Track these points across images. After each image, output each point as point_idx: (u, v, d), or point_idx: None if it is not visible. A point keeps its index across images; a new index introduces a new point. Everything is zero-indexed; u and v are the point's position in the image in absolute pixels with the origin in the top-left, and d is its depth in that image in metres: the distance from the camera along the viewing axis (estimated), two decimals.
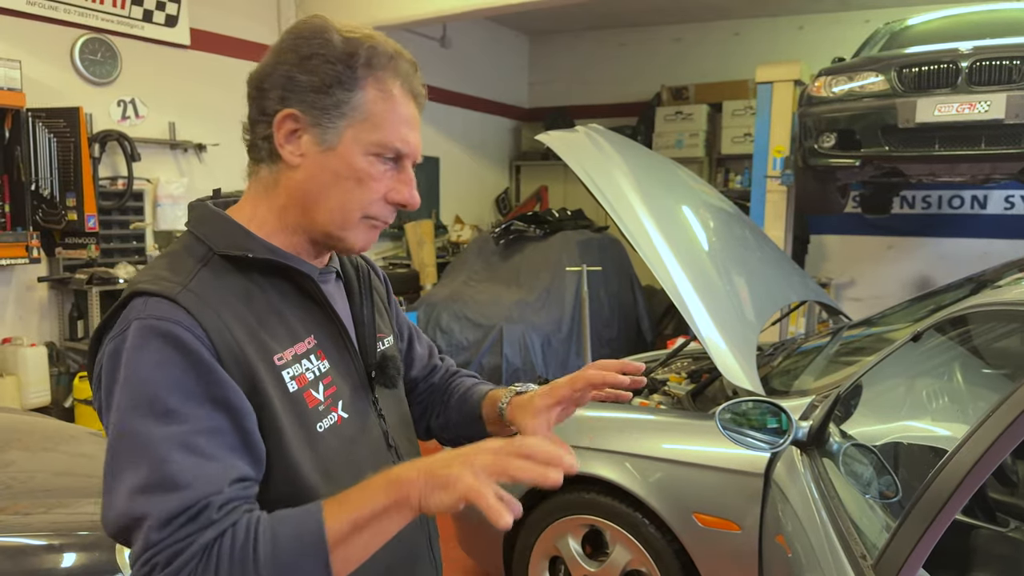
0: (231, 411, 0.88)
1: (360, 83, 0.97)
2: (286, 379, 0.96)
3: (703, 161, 8.51)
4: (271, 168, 1.00)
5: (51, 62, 4.94)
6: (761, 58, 6.60)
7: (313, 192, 0.99)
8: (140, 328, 0.88)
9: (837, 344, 2.95)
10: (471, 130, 8.85)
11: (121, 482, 0.84)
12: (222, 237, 0.99)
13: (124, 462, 0.85)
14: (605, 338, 6.52)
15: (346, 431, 1.02)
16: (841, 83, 4.29)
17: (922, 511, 1.26)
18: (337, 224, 1.00)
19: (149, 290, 0.92)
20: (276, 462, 0.93)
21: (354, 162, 0.98)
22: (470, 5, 6.04)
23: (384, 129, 0.99)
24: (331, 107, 0.97)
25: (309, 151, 0.98)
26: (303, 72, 0.97)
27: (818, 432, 1.85)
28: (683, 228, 3.02)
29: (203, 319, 0.90)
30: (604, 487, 2.43)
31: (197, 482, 0.83)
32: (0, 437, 2.56)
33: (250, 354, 0.92)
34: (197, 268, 0.95)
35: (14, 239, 4.54)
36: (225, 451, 0.87)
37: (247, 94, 1.01)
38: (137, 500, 0.82)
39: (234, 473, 0.87)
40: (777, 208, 5.92)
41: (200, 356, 0.88)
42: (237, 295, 0.96)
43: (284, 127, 0.97)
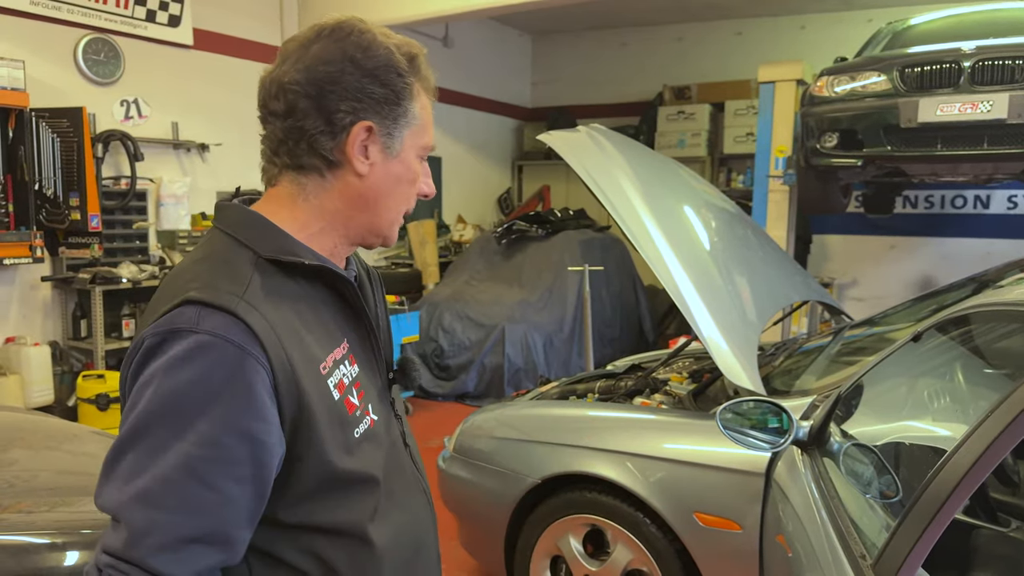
0: (255, 444, 0.87)
1: (414, 90, 1.02)
2: (330, 387, 0.96)
3: (705, 161, 8.51)
4: (326, 176, 1.01)
5: (54, 62, 4.95)
6: (763, 58, 6.60)
7: (377, 196, 1.02)
8: (191, 341, 0.86)
9: (838, 344, 2.95)
10: (474, 130, 8.85)
11: (120, 474, 0.85)
12: (268, 241, 0.97)
13: (129, 457, 0.85)
14: (607, 338, 6.53)
15: (377, 433, 1.04)
16: (843, 83, 4.28)
17: (921, 511, 1.26)
18: (388, 222, 1.06)
19: (204, 300, 0.88)
20: (317, 471, 0.94)
21: (412, 166, 1.04)
22: (472, 5, 6.05)
23: (428, 131, 1.06)
24: (400, 116, 1.01)
25: (376, 159, 1.01)
26: (376, 84, 0.98)
27: (819, 432, 1.85)
28: (685, 228, 3.02)
29: (263, 337, 0.88)
30: (605, 486, 2.44)
31: (183, 509, 0.84)
32: (3, 436, 2.56)
33: (300, 369, 0.92)
34: (248, 275, 0.93)
35: (18, 239, 4.56)
36: (232, 482, 0.86)
37: (287, 102, 0.97)
38: (127, 501, 0.84)
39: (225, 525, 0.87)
40: (779, 208, 5.92)
41: (246, 384, 0.86)
42: (288, 302, 0.95)
43: (359, 138, 0.99)
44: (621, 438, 2.45)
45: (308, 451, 0.93)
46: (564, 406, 2.78)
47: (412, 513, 1.10)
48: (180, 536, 0.83)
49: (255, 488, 0.89)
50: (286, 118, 0.98)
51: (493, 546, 2.73)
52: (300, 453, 0.92)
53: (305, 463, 0.93)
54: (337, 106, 0.97)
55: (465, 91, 8.73)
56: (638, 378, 2.95)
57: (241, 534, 0.89)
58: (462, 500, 2.83)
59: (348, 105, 0.97)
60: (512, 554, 2.71)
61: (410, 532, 1.09)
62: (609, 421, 2.57)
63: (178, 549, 0.83)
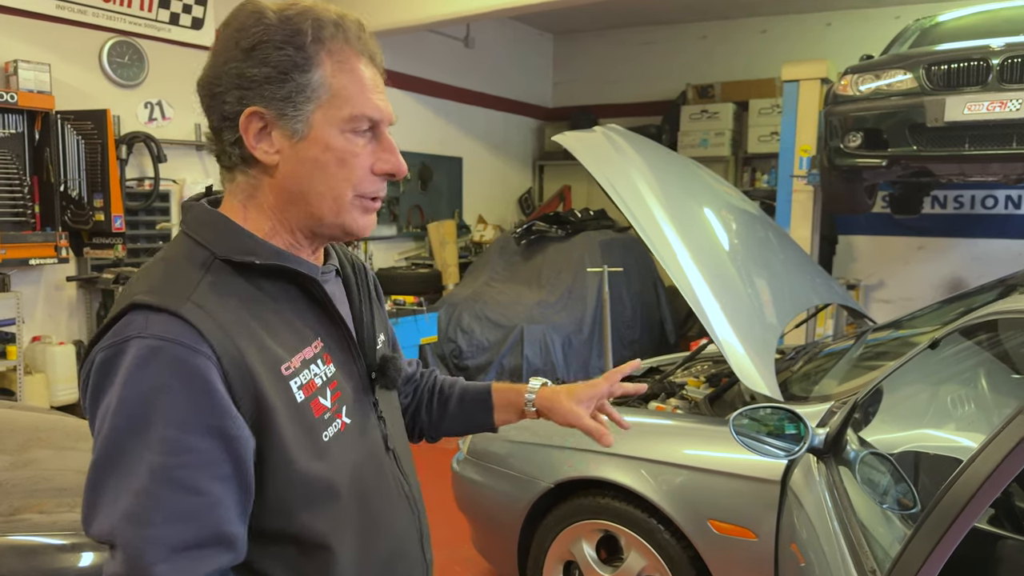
0: (226, 439, 0.85)
1: (314, 60, 0.92)
2: (293, 389, 0.92)
3: (729, 160, 8.42)
4: (247, 172, 0.95)
5: (80, 65, 5.02)
6: (788, 56, 6.52)
7: (299, 185, 0.94)
8: (141, 348, 0.83)
9: (860, 348, 2.90)
10: (494, 130, 8.84)
11: (104, 501, 0.83)
12: (224, 241, 0.93)
13: (109, 482, 0.83)
14: (627, 339, 6.48)
15: (349, 437, 0.99)
16: (868, 81, 4.20)
17: (937, 520, 1.22)
18: (332, 211, 0.96)
19: (150, 303, 0.86)
20: (277, 474, 0.90)
21: (331, 143, 0.93)
22: (493, 5, 6.03)
23: (352, 101, 0.94)
24: (293, 94, 0.91)
25: (282, 145, 0.93)
26: (253, 65, 0.90)
27: (835, 439, 1.81)
28: (703, 229, 2.98)
29: (210, 336, 0.85)
30: (619, 492, 2.41)
31: (172, 519, 0.82)
32: (24, 436, 2.59)
33: (256, 369, 0.88)
34: (200, 276, 0.90)
35: (43, 239, 4.63)
36: (214, 482, 0.84)
37: (201, 103, 0.95)
38: (118, 526, 0.81)
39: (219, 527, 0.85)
40: (804, 208, 5.85)
41: (202, 382, 0.83)
42: (242, 303, 0.91)
43: (252, 127, 0.92)
44: (635, 443, 2.42)
45: (271, 453, 0.89)
46: None
47: (389, 522, 1.05)
48: (177, 546, 0.82)
49: (239, 483, 0.87)
50: (207, 120, 0.96)
51: (506, 550, 2.72)
52: (264, 455, 0.89)
53: (269, 466, 0.89)
54: (223, 97, 0.92)
55: (486, 91, 8.72)
56: (654, 382, 2.92)
57: (238, 530, 0.87)
58: (475, 503, 2.82)
59: (233, 95, 0.91)
60: (525, 558, 2.69)
61: (385, 541, 1.04)
62: None
63: (178, 559, 0.82)
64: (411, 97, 7.73)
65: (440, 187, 8.09)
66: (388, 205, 7.45)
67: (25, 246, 4.53)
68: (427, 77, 7.88)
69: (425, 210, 7.85)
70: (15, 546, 1.90)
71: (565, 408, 1.24)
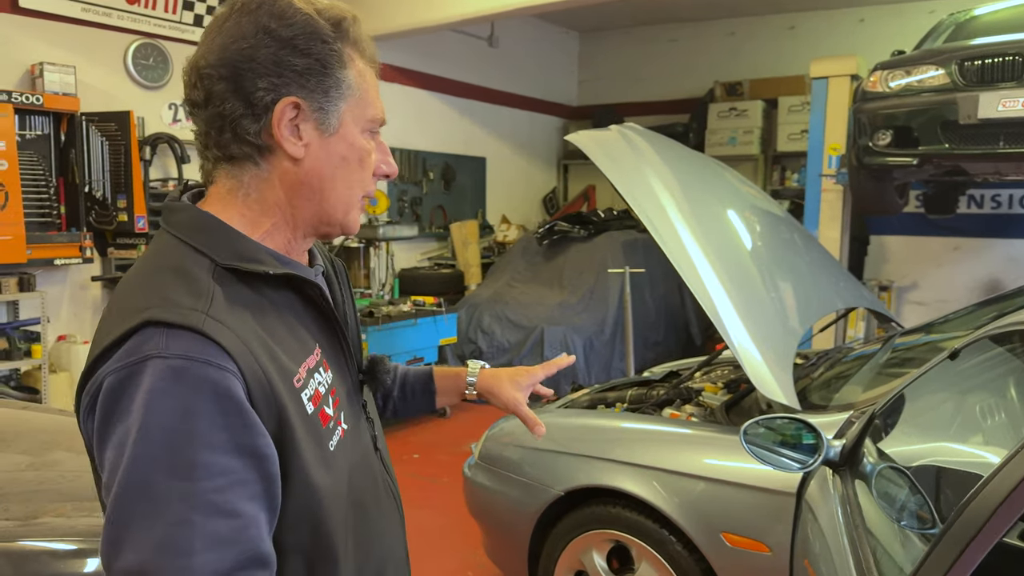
0: (257, 458, 0.81)
1: (346, 60, 0.91)
2: (304, 401, 0.89)
3: (758, 159, 8.29)
4: (260, 164, 0.90)
5: (105, 67, 5.08)
6: (818, 52, 6.38)
7: (321, 180, 0.92)
8: (163, 369, 0.77)
9: (887, 353, 2.79)
10: (519, 129, 8.79)
11: (132, 535, 0.76)
12: (225, 247, 0.88)
13: (137, 515, 0.76)
14: (651, 341, 6.39)
15: (347, 443, 0.97)
16: (898, 77, 4.08)
17: (957, 535, 1.15)
18: (343, 208, 0.95)
19: (168, 320, 0.79)
20: (296, 489, 0.86)
21: (356, 142, 0.93)
22: (517, 3, 5.98)
23: (373, 103, 0.95)
24: (331, 89, 0.90)
25: (312, 139, 0.90)
26: (296, 54, 0.87)
27: (851, 452, 1.73)
28: (724, 231, 2.90)
29: (234, 353, 0.80)
30: (630, 501, 2.35)
31: (212, 545, 0.76)
32: (44, 437, 2.60)
33: (276, 384, 0.84)
34: (210, 287, 0.84)
35: (68, 239, 4.69)
36: (249, 502, 0.80)
37: (202, 88, 0.88)
38: (148, 559, 0.75)
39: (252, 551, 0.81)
40: (833, 208, 5.72)
41: (232, 401, 0.79)
42: (252, 314, 0.86)
43: (285, 117, 0.88)
44: (647, 452, 2.35)
45: (291, 469, 0.85)
46: (590, 416, 2.69)
47: (380, 523, 1.05)
48: (219, 571, 0.76)
49: (268, 501, 0.83)
50: (206, 106, 0.89)
51: (516, 557, 2.67)
52: (286, 471, 0.85)
53: (289, 481, 0.86)
54: (255, 84, 0.87)
55: (510, 91, 8.68)
56: (670, 387, 2.84)
57: (270, 549, 0.83)
58: (486, 509, 2.77)
59: (267, 82, 0.87)
60: (536, 566, 2.64)
61: (377, 542, 1.04)
62: (635, 433, 2.48)
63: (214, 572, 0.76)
64: (435, 97, 7.71)
65: (464, 187, 8.07)
66: (411, 205, 7.44)
67: (50, 246, 4.59)
68: (451, 77, 7.86)
69: (448, 210, 7.83)
70: (22, 552, 1.89)
71: (507, 395, 1.26)
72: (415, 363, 5.38)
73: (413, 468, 4.37)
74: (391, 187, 7.24)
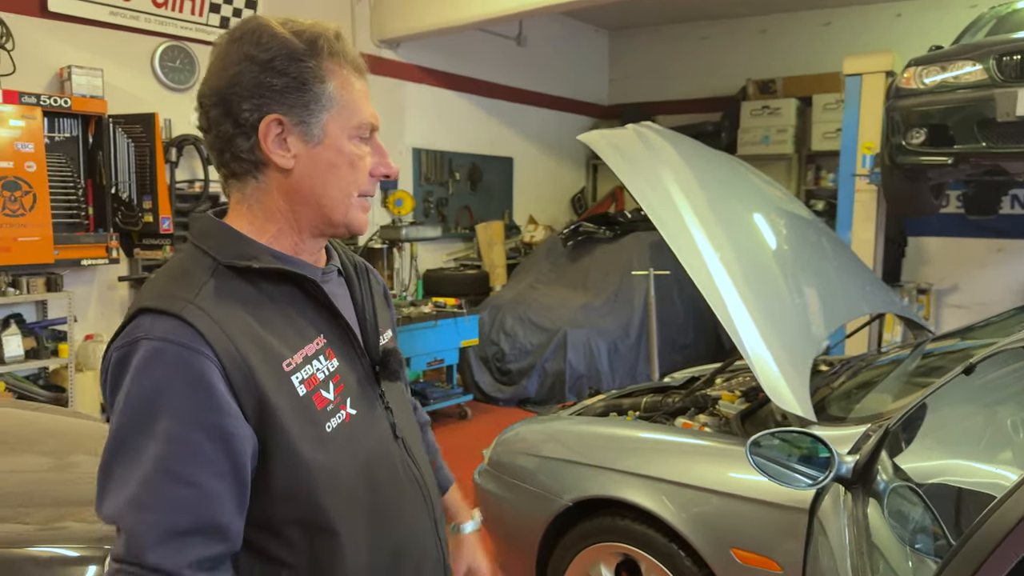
0: (224, 437, 0.91)
1: (325, 74, 1.00)
2: (295, 384, 0.98)
3: (792, 158, 8.11)
4: (258, 178, 1.02)
5: (132, 69, 5.14)
6: (854, 49, 6.20)
7: (314, 186, 1.02)
8: (147, 348, 0.90)
9: (915, 361, 2.67)
10: (547, 129, 8.72)
11: (113, 485, 0.91)
12: (226, 248, 1.00)
13: (116, 469, 0.91)
14: (679, 344, 6.28)
15: (354, 427, 1.05)
16: (933, 73, 3.93)
17: (965, 560, 1.06)
18: (341, 210, 1.04)
19: (156, 307, 0.93)
20: (283, 464, 0.96)
21: (343, 148, 1.02)
22: (544, 1, 5.92)
23: (359, 111, 1.03)
24: (310, 103, 0.99)
25: (299, 150, 1.00)
26: (273, 76, 0.98)
27: (864, 469, 1.64)
28: (744, 233, 2.80)
29: (210, 337, 0.91)
30: (639, 514, 2.27)
31: (168, 508, 0.89)
32: (65, 439, 2.61)
33: (256, 366, 0.93)
34: (203, 281, 0.97)
35: (95, 240, 4.75)
36: (210, 477, 0.90)
37: (204, 115, 1.01)
38: (122, 509, 0.89)
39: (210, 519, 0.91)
40: (867, 208, 5.54)
41: (201, 381, 0.90)
42: (244, 305, 0.97)
43: (271, 133, 0.98)
44: (656, 462, 2.27)
45: (275, 447, 0.95)
46: (601, 424, 2.62)
47: (398, 506, 1.11)
48: (169, 532, 0.88)
49: (235, 478, 0.92)
50: (209, 131, 1.01)
51: (525, 568, 2.61)
52: (269, 449, 0.95)
53: (274, 458, 0.95)
54: (241, 107, 0.97)
55: (538, 90, 8.61)
56: (684, 395, 2.76)
57: (232, 522, 0.93)
58: (494, 517, 2.72)
59: (250, 103, 0.97)
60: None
61: (396, 523, 1.10)
62: (645, 443, 2.40)
63: (170, 543, 0.88)
64: (461, 97, 7.68)
65: (490, 188, 8.02)
66: (437, 206, 7.42)
67: (77, 247, 4.65)
68: (478, 77, 7.82)
69: (475, 211, 7.79)
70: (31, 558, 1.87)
71: (459, 563, 1.41)
72: (435, 365, 5.35)
73: None
74: (416, 188, 7.23)
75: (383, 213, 6.86)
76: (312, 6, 6.29)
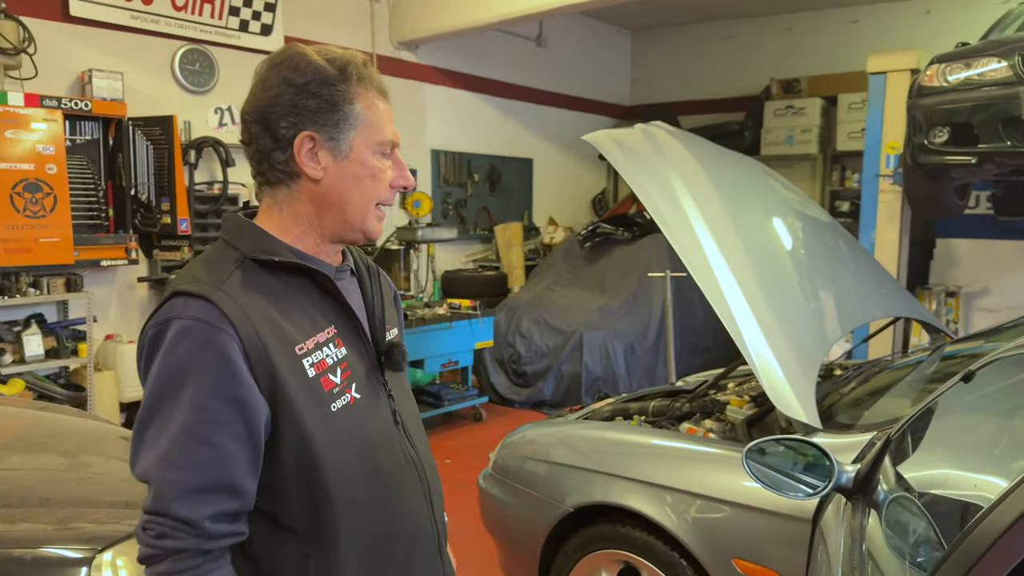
0: (241, 405, 1.04)
1: (352, 96, 1.14)
2: (305, 366, 1.10)
3: (816, 158, 7.98)
4: (291, 186, 1.15)
5: (152, 72, 5.20)
6: (881, 47, 6.08)
7: (339, 195, 1.15)
8: (179, 326, 1.04)
9: (933, 365, 2.59)
10: (567, 130, 8.67)
11: (145, 446, 1.05)
12: (252, 243, 1.14)
13: (148, 432, 1.05)
14: (699, 348, 6.19)
15: (359, 409, 1.17)
16: (957, 71, 3.81)
17: (955, 565, 1.02)
18: (360, 217, 1.17)
19: (188, 290, 1.06)
20: (291, 436, 1.09)
21: (367, 163, 1.15)
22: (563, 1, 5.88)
23: (382, 130, 1.16)
24: (340, 122, 1.13)
25: (328, 163, 1.13)
26: (307, 98, 1.11)
27: (865, 478, 1.58)
28: (757, 235, 2.74)
29: (233, 318, 1.04)
30: (640, 521, 2.23)
31: (191, 466, 1.03)
32: (80, 440, 2.63)
33: (272, 347, 1.07)
34: (230, 271, 1.10)
35: (115, 241, 4.80)
36: (228, 439, 1.04)
37: (246, 130, 1.15)
38: (151, 466, 1.03)
39: (226, 478, 1.05)
40: (891, 210, 5.42)
41: (223, 356, 1.03)
42: (265, 293, 1.11)
43: (303, 148, 1.12)
44: (658, 469, 2.23)
45: (284, 420, 1.08)
46: (604, 428, 2.58)
47: (394, 483, 1.21)
48: (192, 487, 1.02)
49: (249, 443, 1.05)
50: (249, 144, 1.15)
51: (528, 574, 2.57)
52: (279, 421, 1.08)
53: (282, 430, 1.08)
54: (279, 124, 1.11)
55: (558, 91, 8.57)
56: (690, 400, 2.70)
57: (245, 483, 1.06)
58: (497, 522, 2.69)
59: (287, 121, 1.11)
60: None
61: (390, 497, 1.20)
62: (647, 449, 2.35)
63: (192, 498, 1.02)
64: (480, 98, 7.67)
65: (509, 189, 8.00)
66: (455, 207, 7.42)
67: (97, 248, 4.71)
68: (497, 78, 7.81)
69: (493, 212, 7.77)
70: None
71: None
72: (449, 367, 5.34)
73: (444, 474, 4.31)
74: (435, 189, 7.23)
75: (401, 214, 6.87)
76: (332, 10, 6.32)
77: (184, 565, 1.02)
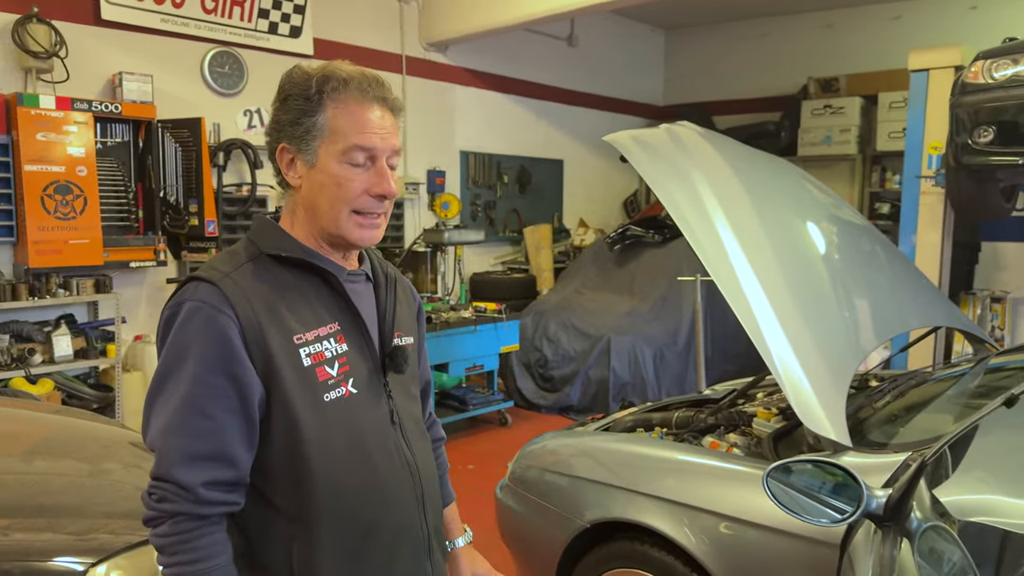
0: (237, 381, 1.13)
1: (320, 107, 1.20)
2: (301, 355, 1.18)
3: (856, 159, 7.75)
4: (290, 192, 1.27)
5: (182, 75, 5.23)
6: (924, 43, 5.86)
7: (313, 201, 1.23)
8: (189, 308, 1.14)
9: (976, 379, 2.45)
10: (598, 131, 8.48)
11: (153, 416, 1.15)
12: (269, 240, 1.24)
13: (156, 403, 1.15)
14: (731, 353, 6.03)
15: (354, 403, 1.23)
16: (1003, 67, 3.64)
17: None
18: (333, 222, 1.22)
19: (201, 276, 1.18)
20: (280, 419, 1.17)
21: (331, 170, 1.20)
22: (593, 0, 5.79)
23: (347, 136, 1.19)
24: (304, 133, 1.20)
25: (303, 172, 1.22)
26: (283, 112, 1.22)
27: (897, 504, 1.47)
28: (788, 240, 2.62)
29: (234, 301, 1.14)
30: (659, 539, 2.13)
31: (190, 435, 1.12)
32: (101, 445, 2.62)
33: (269, 332, 1.16)
34: (243, 262, 1.20)
35: (144, 243, 4.84)
36: (225, 412, 1.13)
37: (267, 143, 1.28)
38: (156, 436, 1.13)
39: (224, 447, 1.14)
40: (933, 212, 5.22)
41: (224, 336, 1.13)
42: (273, 285, 1.20)
43: (283, 159, 1.23)
44: (677, 485, 2.13)
45: (275, 402, 1.16)
46: (623, 441, 2.48)
47: (384, 478, 1.26)
48: (191, 455, 1.12)
49: (245, 416, 1.15)
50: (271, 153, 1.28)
51: None
52: (271, 401, 1.16)
53: (274, 412, 1.17)
54: (272, 136, 1.25)
55: (591, 91, 8.47)
56: (715, 411, 2.59)
57: (239, 454, 1.15)
58: (514, 534, 2.61)
59: (273, 135, 1.24)
60: None
61: (378, 491, 1.25)
62: (667, 464, 2.25)
63: (191, 464, 1.11)
64: (510, 99, 7.60)
65: (540, 190, 7.91)
66: (484, 209, 7.36)
67: (126, 249, 4.75)
68: (527, 79, 7.73)
69: (523, 214, 7.70)
70: None
71: (458, 572, 1.54)
72: (474, 371, 5.27)
73: (467, 480, 4.24)
74: (464, 191, 7.18)
75: (429, 216, 6.83)
76: (362, 12, 6.31)
77: (181, 528, 1.11)
